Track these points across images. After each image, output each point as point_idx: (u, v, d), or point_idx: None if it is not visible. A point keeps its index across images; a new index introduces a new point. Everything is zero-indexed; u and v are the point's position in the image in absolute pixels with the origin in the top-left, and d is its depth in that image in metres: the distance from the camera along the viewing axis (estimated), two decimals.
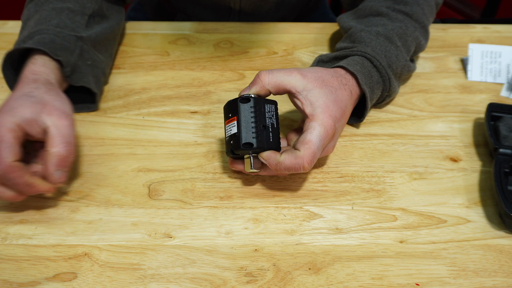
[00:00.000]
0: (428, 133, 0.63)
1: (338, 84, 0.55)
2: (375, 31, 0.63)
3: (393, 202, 0.55)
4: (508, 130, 0.59)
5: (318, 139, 0.51)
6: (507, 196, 0.53)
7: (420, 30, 0.66)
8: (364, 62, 0.59)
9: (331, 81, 0.55)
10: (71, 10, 0.64)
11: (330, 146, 0.54)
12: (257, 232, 0.52)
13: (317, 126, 0.51)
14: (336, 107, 0.53)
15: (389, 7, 0.66)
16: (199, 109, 0.65)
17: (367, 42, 0.62)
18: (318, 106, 0.52)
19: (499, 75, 0.71)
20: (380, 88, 0.61)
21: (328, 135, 0.52)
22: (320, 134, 0.51)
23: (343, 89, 0.56)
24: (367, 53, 0.60)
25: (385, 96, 0.63)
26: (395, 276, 0.49)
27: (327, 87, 0.54)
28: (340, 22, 0.70)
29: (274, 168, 0.51)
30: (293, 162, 0.50)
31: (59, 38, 0.60)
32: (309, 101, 0.53)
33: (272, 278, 0.48)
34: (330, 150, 0.56)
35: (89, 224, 0.53)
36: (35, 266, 0.49)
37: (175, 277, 0.48)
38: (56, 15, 0.62)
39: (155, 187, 0.56)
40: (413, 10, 0.66)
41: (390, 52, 0.61)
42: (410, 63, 0.65)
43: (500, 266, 0.50)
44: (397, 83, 0.64)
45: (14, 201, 0.54)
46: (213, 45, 0.75)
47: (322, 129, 0.51)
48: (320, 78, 0.55)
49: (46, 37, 0.59)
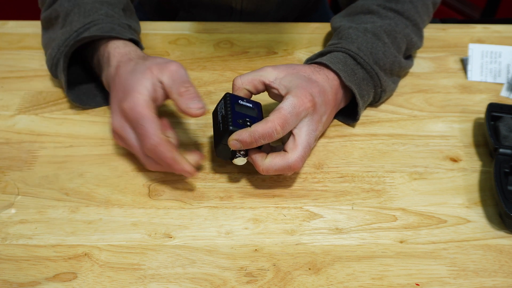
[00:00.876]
0: (428, 133, 0.63)
1: (311, 71, 0.57)
2: (363, 28, 0.63)
3: (393, 202, 0.55)
4: (508, 130, 0.59)
5: (289, 105, 0.52)
6: (507, 196, 0.53)
7: (411, 28, 0.66)
8: (347, 60, 0.60)
9: (303, 69, 0.57)
10: (109, 3, 0.65)
11: (315, 119, 0.54)
12: (257, 232, 0.52)
13: (290, 96, 0.53)
14: (311, 85, 0.55)
15: (380, 5, 0.66)
16: None
17: (353, 39, 0.62)
18: (292, 85, 0.54)
19: (499, 75, 0.71)
20: (370, 85, 0.61)
21: (304, 104, 0.52)
22: (292, 102, 0.52)
23: (317, 74, 0.57)
24: (351, 50, 0.60)
25: (380, 92, 0.63)
26: (395, 276, 0.49)
27: (299, 73, 0.56)
28: (332, 23, 0.70)
29: (249, 140, 0.50)
30: (264, 127, 0.50)
31: (117, 26, 0.61)
32: (283, 86, 0.55)
33: (272, 278, 0.48)
34: (318, 125, 0.54)
35: (89, 224, 0.53)
36: (35, 266, 0.49)
37: (175, 277, 0.48)
38: (101, 7, 0.63)
39: (155, 187, 0.56)
40: (404, 8, 0.66)
41: (376, 48, 0.62)
42: (402, 59, 0.65)
43: (500, 266, 0.50)
44: (391, 79, 0.64)
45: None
46: (213, 45, 0.75)
47: (295, 99, 0.52)
48: (291, 67, 0.57)
49: (105, 26, 0.60)
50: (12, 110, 0.65)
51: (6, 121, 0.63)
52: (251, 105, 0.54)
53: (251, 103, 0.55)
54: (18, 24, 0.79)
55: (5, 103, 0.66)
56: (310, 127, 0.53)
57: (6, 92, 0.67)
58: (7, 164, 0.58)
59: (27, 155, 0.59)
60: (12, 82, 0.69)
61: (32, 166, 0.58)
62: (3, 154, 0.59)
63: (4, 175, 0.57)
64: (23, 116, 0.64)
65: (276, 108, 0.52)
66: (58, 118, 0.64)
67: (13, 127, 0.63)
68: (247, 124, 0.52)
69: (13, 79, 0.69)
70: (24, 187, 0.56)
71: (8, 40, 0.76)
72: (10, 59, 0.72)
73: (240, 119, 0.52)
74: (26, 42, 0.75)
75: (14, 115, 0.64)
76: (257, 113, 0.54)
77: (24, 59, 0.72)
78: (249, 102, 0.55)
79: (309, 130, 0.53)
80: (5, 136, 0.61)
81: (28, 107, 0.65)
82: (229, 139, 0.51)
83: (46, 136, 0.61)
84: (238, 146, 0.51)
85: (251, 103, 0.55)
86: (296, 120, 0.52)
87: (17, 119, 0.64)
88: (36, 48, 0.73)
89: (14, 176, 0.57)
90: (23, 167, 0.58)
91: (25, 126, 0.63)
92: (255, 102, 0.55)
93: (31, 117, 0.64)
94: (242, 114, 0.53)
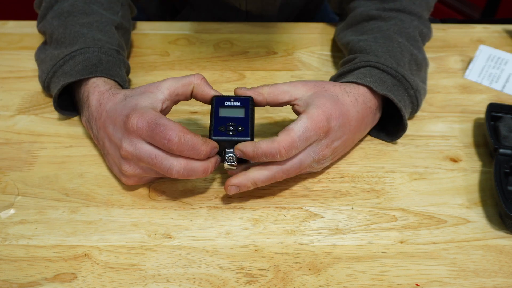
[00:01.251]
0: (428, 133, 0.63)
1: (340, 91, 0.55)
2: (373, 37, 0.62)
3: (393, 202, 0.55)
4: (508, 130, 0.59)
5: (300, 128, 0.49)
6: (507, 196, 0.53)
7: (418, 20, 0.65)
8: (372, 71, 0.58)
9: (332, 88, 0.55)
10: (99, 22, 0.64)
11: (324, 144, 0.52)
12: (257, 233, 0.52)
13: (304, 117, 0.50)
14: (334, 106, 0.52)
15: (379, 9, 0.66)
16: (199, 109, 0.65)
17: (368, 50, 0.61)
18: (313, 104, 0.52)
19: (496, 81, 0.70)
20: (401, 89, 0.58)
21: (316, 128, 0.50)
22: (304, 124, 0.50)
23: (346, 96, 0.54)
24: (370, 61, 0.59)
25: (414, 94, 0.59)
26: (395, 277, 0.49)
27: (327, 92, 0.54)
28: (338, 39, 0.70)
29: (251, 154, 0.49)
30: (269, 146, 0.49)
31: (104, 55, 0.60)
32: (306, 103, 0.53)
33: (272, 279, 0.48)
34: (326, 150, 0.53)
35: (89, 225, 0.53)
36: (35, 266, 0.49)
37: (175, 277, 0.48)
38: (90, 31, 0.62)
39: (155, 187, 0.56)
40: (403, 5, 0.65)
41: (393, 51, 0.60)
42: (418, 54, 0.62)
43: (500, 266, 0.50)
44: (418, 78, 0.61)
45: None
46: (213, 45, 0.75)
47: (309, 121, 0.50)
48: (321, 85, 0.55)
49: (92, 56, 0.59)
50: (12, 110, 0.65)
51: (6, 121, 0.63)
52: (239, 103, 0.53)
53: (238, 101, 0.53)
54: (18, 24, 0.79)
55: (5, 103, 0.66)
56: (312, 148, 0.52)
57: (6, 92, 0.67)
58: (7, 165, 0.58)
59: (27, 156, 0.59)
60: (12, 82, 0.69)
61: (32, 167, 0.58)
62: (3, 154, 0.59)
63: (4, 175, 0.57)
64: (23, 116, 0.64)
65: (287, 128, 0.50)
66: (58, 118, 0.64)
67: (13, 127, 0.63)
68: (230, 129, 0.51)
69: (13, 79, 0.69)
70: (24, 187, 0.56)
71: (8, 40, 0.76)
72: (10, 59, 0.72)
73: (222, 125, 0.51)
74: (26, 42, 0.75)
75: (14, 115, 0.64)
76: (244, 111, 0.53)
77: (24, 59, 0.72)
78: (236, 101, 0.53)
79: (309, 151, 0.52)
80: (5, 137, 0.61)
81: (28, 107, 0.65)
82: (235, 148, 0.51)
83: (46, 137, 0.61)
84: (241, 154, 0.51)
85: (238, 101, 0.53)
86: (304, 145, 0.50)
87: (17, 119, 0.64)
88: (36, 48, 0.73)
89: (14, 177, 0.57)
90: (23, 167, 0.58)
91: (25, 126, 0.63)
92: (243, 99, 0.54)
93: (31, 117, 0.64)
94: (226, 118, 0.52)
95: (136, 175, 0.52)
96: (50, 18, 0.65)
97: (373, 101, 0.57)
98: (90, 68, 0.58)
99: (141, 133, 0.48)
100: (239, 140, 0.51)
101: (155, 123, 0.48)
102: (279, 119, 0.65)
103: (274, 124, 0.64)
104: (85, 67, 0.58)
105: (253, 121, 0.52)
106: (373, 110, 0.57)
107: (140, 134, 0.48)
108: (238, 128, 0.51)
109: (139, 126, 0.48)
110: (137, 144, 0.49)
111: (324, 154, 0.53)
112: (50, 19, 0.64)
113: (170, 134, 0.47)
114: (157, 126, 0.47)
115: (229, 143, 0.51)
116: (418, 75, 0.62)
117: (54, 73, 0.60)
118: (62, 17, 0.64)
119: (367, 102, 0.56)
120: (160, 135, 0.47)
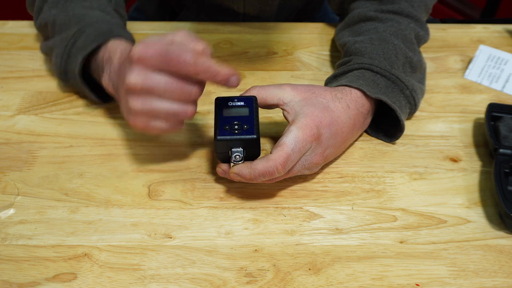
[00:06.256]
0: (428, 133, 0.63)
1: (331, 97, 0.54)
2: (369, 38, 0.62)
3: (393, 202, 0.55)
4: (508, 130, 0.59)
5: (292, 141, 0.49)
6: (507, 196, 0.53)
7: (415, 23, 0.65)
8: (365, 74, 0.58)
9: (323, 94, 0.54)
10: (99, 4, 0.64)
11: (317, 152, 0.52)
12: (257, 233, 0.52)
13: (294, 129, 0.50)
14: (323, 114, 0.52)
15: (377, 10, 0.66)
16: (199, 109, 0.65)
17: (363, 52, 0.61)
18: (302, 112, 0.52)
19: (496, 81, 0.70)
20: (396, 90, 0.58)
21: (306, 138, 0.50)
22: (295, 136, 0.50)
23: (337, 102, 0.54)
24: (364, 63, 0.59)
25: (410, 94, 0.59)
26: (395, 277, 0.49)
27: (316, 98, 0.54)
28: (336, 39, 0.70)
29: (248, 177, 0.50)
30: (265, 166, 0.49)
31: (114, 26, 0.60)
32: (294, 110, 0.53)
33: (272, 279, 0.48)
34: (317, 158, 0.52)
35: (89, 225, 0.53)
36: (35, 266, 0.49)
37: (175, 277, 0.48)
38: (92, 10, 0.62)
39: (155, 187, 0.56)
40: (401, 7, 0.65)
41: (388, 53, 0.60)
42: (413, 56, 0.62)
43: (500, 266, 0.50)
44: (414, 78, 0.62)
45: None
46: (213, 45, 0.75)
47: (300, 132, 0.50)
48: (311, 90, 0.54)
49: (102, 26, 0.59)
50: (12, 110, 0.65)
51: (6, 121, 0.63)
52: (243, 103, 0.54)
53: (242, 100, 0.54)
54: (18, 24, 0.79)
55: (5, 103, 0.66)
56: (304, 157, 0.52)
57: (6, 92, 0.67)
58: (7, 164, 0.58)
59: (27, 155, 0.59)
60: (12, 82, 0.69)
61: (32, 166, 0.58)
62: (3, 154, 0.59)
63: (4, 175, 0.57)
64: (23, 116, 0.64)
65: (279, 144, 0.50)
66: (58, 118, 0.64)
67: (13, 127, 0.63)
68: (235, 128, 0.51)
69: (13, 79, 0.69)
70: (24, 187, 0.56)
71: (8, 40, 0.76)
72: (10, 59, 0.72)
73: (227, 124, 0.52)
74: (26, 42, 0.75)
75: (14, 115, 0.64)
76: (249, 110, 0.53)
77: (24, 59, 0.72)
78: (240, 100, 0.54)
79: (301, 160, 0.52)
80: (5, 136, 0.61)
81: (28, 107, 0.65)
82: (230, 172, 0.51)
83: (46, 136, 0.61)
84: (238, 179, 0.51)
85: (242, 101, 0.54)
86: (299, 156, 0.50)
87: (17, 119, 0.64)
88: (36, 48, 0.73)
89: (14, 176, 0.57)
90: (23, 167, 0.58)
91: (25, 126, 0.63)
92: (247, 98, 0.54)
93: (31, 117, 0.64)
94: (231, 118, 0.52)
95: (144, 112, 0.48)
96: (47, 9, 0.65)
97: (366, 105, 0.57)
98: (105, 34, 0.58)
99: (148, 64, 0.46)
100: (245, 138, 0.51)
101: (168, 47, 0.46)
102: (279, 119, 0.65)
103: (274, 124, 0.64)
104: (98, 35, 0.58)
105: (258, 120, 0.53)
106: (365, 114, 0.58)
107: (147, 65, 0.46)
108: (243, 127, 0.52)
109: (146, 57, 0.46)
110: (146, 74, 0.46)
111: (316, 162, 0.53)
112: (48, 10, 0.65)
113: (186, 57, 0.46)
114: (170, 52, 0.46)
115: (235, 142, 0.51)
116: (413, 76, 0.62)
117: (68, 54, 0.60)
118: (60, 5, 0.64)
119: (359, 108, 0.56)
120: (175, 56, 0.46)
